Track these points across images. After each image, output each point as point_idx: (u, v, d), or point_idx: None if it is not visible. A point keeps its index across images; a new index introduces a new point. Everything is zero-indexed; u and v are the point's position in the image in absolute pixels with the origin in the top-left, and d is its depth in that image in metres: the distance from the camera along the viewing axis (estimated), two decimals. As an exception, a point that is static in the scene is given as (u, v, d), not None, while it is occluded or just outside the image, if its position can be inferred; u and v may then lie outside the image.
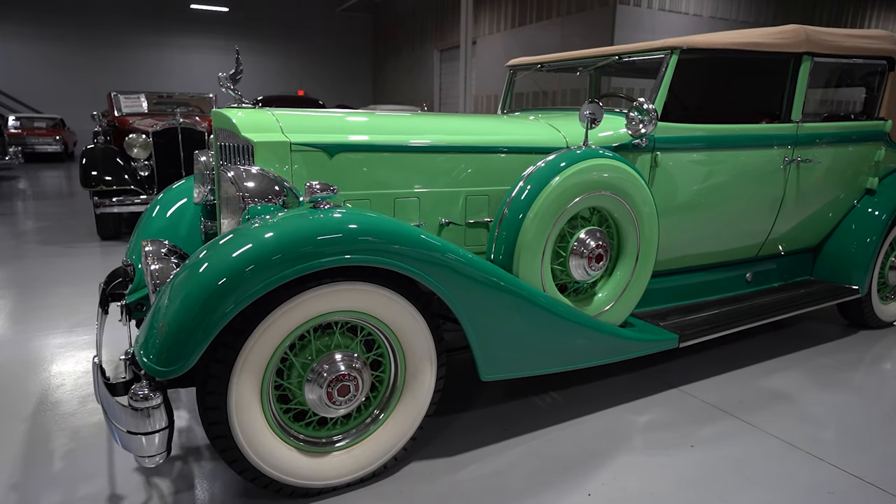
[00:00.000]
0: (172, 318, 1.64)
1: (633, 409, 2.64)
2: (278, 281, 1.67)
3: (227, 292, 1.63)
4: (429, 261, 1.90)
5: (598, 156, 2.39)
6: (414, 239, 1.88)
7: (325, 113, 2.43)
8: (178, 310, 1.64)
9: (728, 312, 3.02)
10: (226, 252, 1.69)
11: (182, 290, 1.66)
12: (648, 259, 2.57)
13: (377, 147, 2.34)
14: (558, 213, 2.30)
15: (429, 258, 1.90)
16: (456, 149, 2.48)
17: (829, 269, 3.58)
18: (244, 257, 1.66)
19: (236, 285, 1.63)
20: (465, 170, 2.51)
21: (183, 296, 1.65)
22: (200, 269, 1.68)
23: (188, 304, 1.63)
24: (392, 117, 2.51)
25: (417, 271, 1.89)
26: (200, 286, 1.64)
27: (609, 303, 2.52)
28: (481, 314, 2.06)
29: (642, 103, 2.51)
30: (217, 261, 1.67)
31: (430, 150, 2.43)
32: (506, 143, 2.55)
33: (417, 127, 2.47)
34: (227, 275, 1.64)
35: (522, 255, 2.25)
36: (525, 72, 3.66)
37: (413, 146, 2.40)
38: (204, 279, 1.65)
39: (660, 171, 2.76)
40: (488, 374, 2.14)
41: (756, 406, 2.67)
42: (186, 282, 1.68)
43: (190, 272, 1.69)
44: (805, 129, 3.13)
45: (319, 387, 1.86)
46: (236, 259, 1.65)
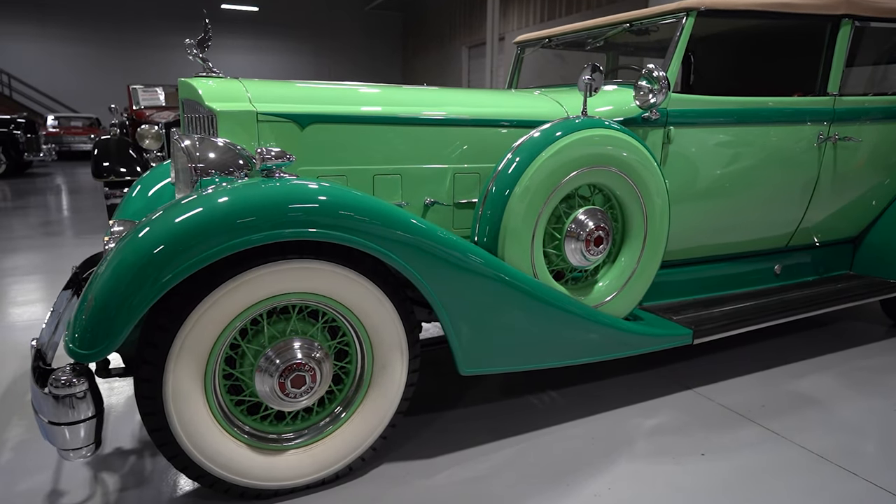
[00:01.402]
0: (99, 293, 1.46)
1: (640, 411, 2.37)
2: (214, 255, 1.48)
3: (157, 266, 1.45)
4: (396, 239, 1.69)
5: (599, 125, 2.14)
6: (378, 213, 1.67)
7: (303, 83, 2.24)
8: (105, 284, 1.46)
9: (752, 308, 2.71)
10: (158, 223, 1.51)
11: (112, 263, 1.49)
12: (657, 244, 2.30)
13: (353, 118, 2.14)
14: (551, 189, 2.06)
15: (396, 236, 1.69)
16: (442, 122, 2.25)
17: (870, 263, 3.22)
18: (175, 228, 1.47)
19: (167, 259, 1.45)
20: (453, 145, 2.28)
21: (112, 268, 1.48)
22: (130, 240, 1.50)
23: (115, 277, 1.46)
24: (372, 88, 2.30)
25: (382, 250, 1.68)
26: (126, 260, 1.46)
27: (611, 292, 2.26)
28: (459, 301, 1.84)
29: (652, 70, 2.25)
30: (147, 232, 1.49)
31: (414, 122, 2.22)
32: (498, 115, 2.32)
33: (399, 98, 2.26)
34: (155, 246, 1.46)
35: (509, 237, 2.01)
36: (532, 48, 3.41)
37: (394, 118, 2.19)
38: (132, 251, 1.47)
39: (673, 148, 2.48)
40: (468, 367, 1.92)
41: (781, 411, 2.37)
42: (116, 254, 1.50)
43: (122, 244, 1.52)
44: (843, 103, 2.80)
45: (271, 376, 1.66)
46: (166, 230, 1.47)
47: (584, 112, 2.17)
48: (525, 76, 3.56)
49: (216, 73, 2.22)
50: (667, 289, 2.75)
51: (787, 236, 2.98)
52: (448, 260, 1.79)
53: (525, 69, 3.59)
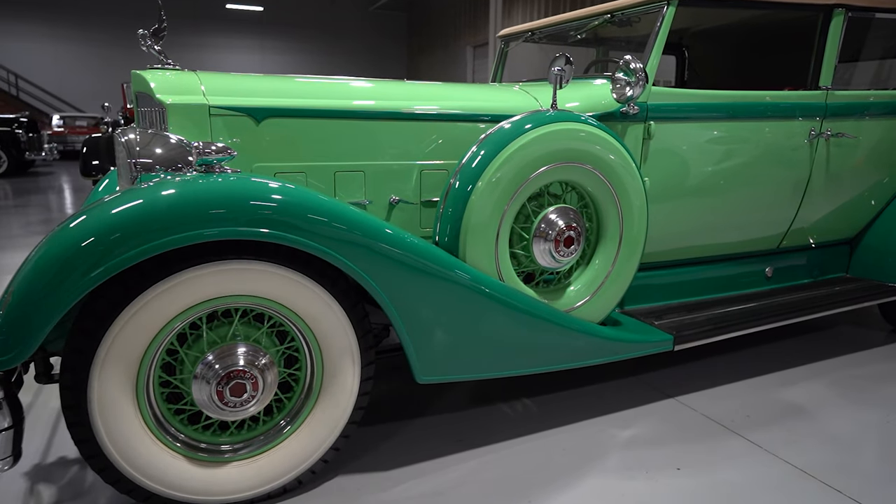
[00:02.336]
0: (16, 290, 1.37)
1: (617, 421, 2.25)
2: (138, 256, 1.38)
3: (74, 266, 1.35)
4: (341, 238, 1.59)
5: (570, 119, 2.02)
6: (319, 209, 1.57)
7: (263, 76, 2.14)
8: (23, 281, 1.38)
9: (739, 312, 2.59)
10: (81, 222, 1.41)
11: (33, 258, 1.41)
12: (634, 246, 2.18)
13: (313, 112, 2.03)
14: (517, 185, 1.94)
15: (341, 235, 1.59)
16: (408, 116, 2.15)
17: (868, 265, 3.08)
18: (96, 226, 1.38)
19: (85, 258, 1.36)
20: (420, 140, 2.18)
21: (31, 264, 1.39)
22: (52, 239, 1.41)
23: (34, 273, 1.37)
24: (334, 80, 2.20)
25: (325, 249, 1.57)
26: (43, 260, 1.37)
27: (585, 296, 2.14)
28: (413, 305, 1.73)
29: (629, 62, 2.13)
30: (67, 231, 1.40)
31: (378, 116, 2.11)
32: (468, 109, 2.21)
33: (362, 92, 2.16)
34: (72, 247, 1.36)
35: (471, 236, 1.90)
36: (516, 42, 3.30)
37: (356, 111, 2.09)
38: (51, 250, 1.38)
39: (654, 145, 2.36)
40: (424, 375, 1.81)
41: (767, 423, 2.24)
42: (37, 249, 1.41)
43: (44, 242, 1.43)
44: (837, 97, 2.66)
45: (208, 384, 1.56)
46: (86, 228, 1.38)
47: (554, 105, 2.06)
48: (519, 70, 3.45)
49: (172, 66, 2.12)
50: (650, 292, 2.63)
51: (779, 237, 2.85)
52: (400, 261, 1.68)
53: (519, 63, 3.49)
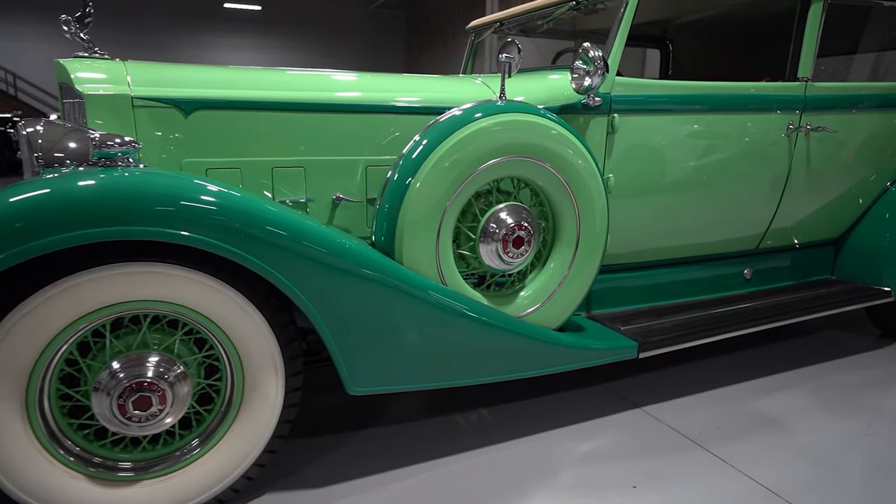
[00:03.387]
0: None
1: (576, 433, 2.11)
2: (16, 257, 1.26)
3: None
4: (252, 237, 1.46)
5: (521, 110, 1.88)
6: (224, 205, 1.44)
7: (195, 66, 2.01)
8: None
9: (713, 317, 2.44)
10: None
11: None
12: (594, 247, 2.04)
13: (246, 104, 1.90)
14: (461, 179, 1.80)
15: (251, 233, 1.45)
16: (351, 108, 2.02)
17: (854, 267, 2.93)
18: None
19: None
20: (366, 134, 2.04)
21: None
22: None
23: None
24: (274, 71, 2.06)
25: (237, 251, 1.44)
26: None
27: (539, 301, 2.00)
28: (342, 310, 1.60)
29: (587, 49, 1.99)
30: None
31: (318, 108, 1.98)
32: (417, 101, 2.07)
33: (303, 82, 2.03)
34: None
35: (408, 235, 1.76)
36: (485, 33, 3.16)
37: (295, 103, 1.95)
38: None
39: (619, 139, 2.22)
40: (356, 386, 1.68)
41: (737, 435, 2.10)
42: None
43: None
44: (816, 89, 2.51)
45: (108, 396, 1.43)
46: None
47: (503, 95, 1.92)
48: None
49: (100, 55, 2.00)
50: (619, 295, 2.49)
51: (757, 237, 2.70)
52: (323, 262, 1.55)
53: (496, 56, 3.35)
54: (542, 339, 1.93)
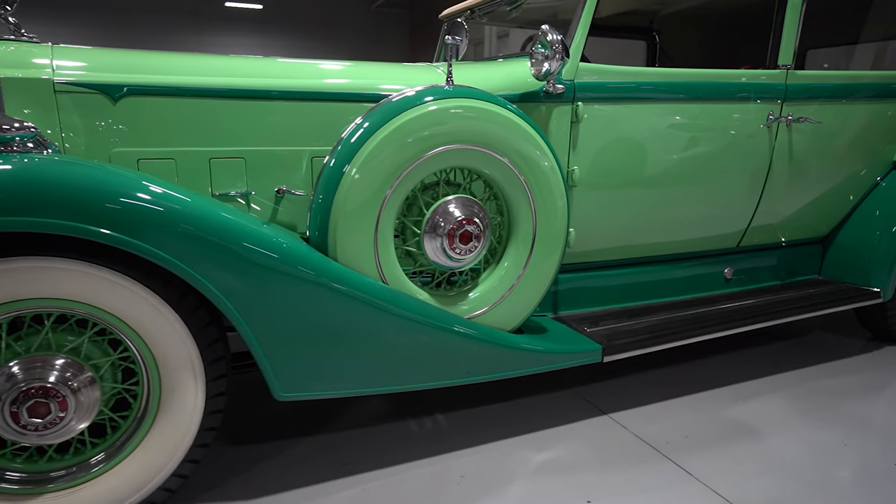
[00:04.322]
0: None
1: (535, 441, 1.98)
2: None
3: None
4: (158, 228, 1.34)
5: (470, 95, 1.76)
6: (128, 196, 1.32)
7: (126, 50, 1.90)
8: None
9: (687, 318, 2.31)
10: None
11: None
12: (552, 244, 1.91)
13: (181, 90, 1.79)
14: (402, 167, 1.67)
15: (157, 224, 1.34)
16: (295, 95, 1.90)
17: (842, 266, 2.79)
18: None
19: None
20: (312, 123, 1.92)
21: None
22: None
23: None
24: (211, 57, 1.95)
25: (142, 244, 1.33)
26: None
27: (492, 300, 1.87)
28: (267, 311, 1.49)
29: (546, 32, 1.86)
30: None
31: (260, 95, 1.86)
32: (364, 88, 1.95)
33: (244, 68, 1.91)
34: None
35: (342, 227, 1.64)
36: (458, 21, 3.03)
37: (234, 90, 1.84)
38: None
39: (584, 129, 2.09)
40: (284, 391, 1.56)
41: (706, 445, 1.96)
42: None
43: None
44: (798, 77, 2.37)
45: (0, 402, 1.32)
46: None
47: (450, 80, 1.79)
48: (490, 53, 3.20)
49: (29, 37, 1.88)
50: (589, 295, 2.36)
51: (737, 235, 2.56)
52: (243, 258, 1.43)
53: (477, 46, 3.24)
54: (494, 341, 1.80)
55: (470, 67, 2.16)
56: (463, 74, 2.09)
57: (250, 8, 21.24)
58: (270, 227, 1.63)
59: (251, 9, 21.30)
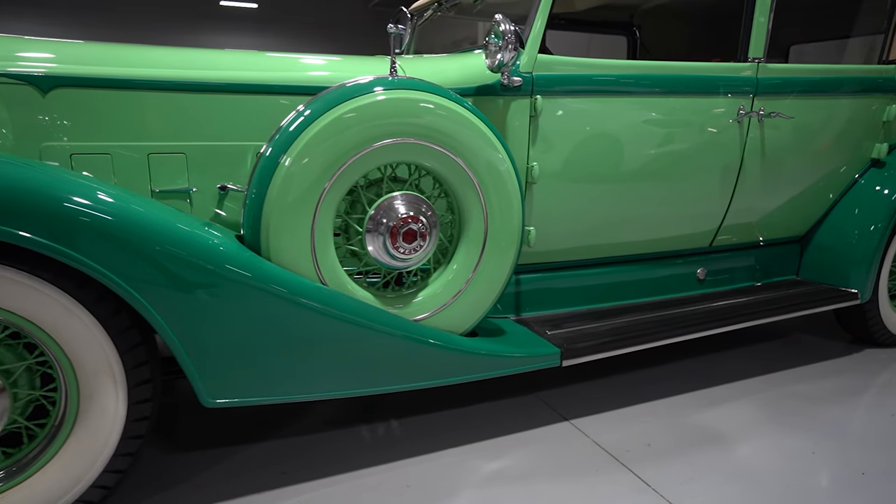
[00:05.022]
0: None
1: (489, 449, 1.90)
2: None
3: None
4: (66, 225, 1.27)
5: (415, 87, 1.68)
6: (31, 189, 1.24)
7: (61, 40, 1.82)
8: None
9: (655, 320, 2.22)
10: None
11: None
12: (504, 245, 1.82)
13: (116, 81, 1.71)
14: (341, 160, 1.59)
15: (64, 220, 1.26)
16: (239, 87, 1.82)
17: (820, 267, 2.70)
18: None
19: None
20: (255, 117, 1.84)
21: None
22: None
23: None
24: (149, 48, 1.87)
25: (47, 242, 1.25)
26: None
27: (442, 302, 1.79)
28: (189, 311, 1.41)
29: (499, 22, 1.78)
30: None
31: (200, 87, 1.78)
32: (310, 81, 1.87)
33: (184, 60, 1.83)
34: None
35: (275, 223, 1.56)
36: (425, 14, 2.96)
37: (172, 82, 1.76)
38: None
39: (544, 123, 2.01)
40: (213, 397, 1.48)
41: (668, 453, 1.88)
42: None
43: None
44: (770, 71, 2.29)
45: None
46: None
47: (393, 70, 1.71)
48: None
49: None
50: (553, 297, 2.28)
51: (709, 234, 2.48)
52: (162, 255, 1.36)
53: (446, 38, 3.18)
54: (441, 345, 1.72)
55: (425, 60, 2.09)
56: (417, 67, 2.01)
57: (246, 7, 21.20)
58: (203, 225, 1.55)
59: (247, 8, 21.26)
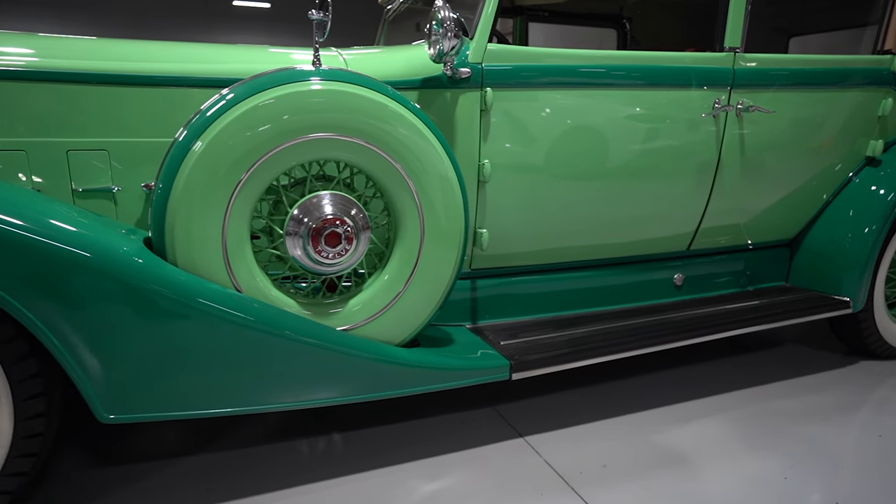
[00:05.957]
0: None
1: (431, 467, 1.77)
2: None
3: None
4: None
5: (339, 78, 1.55)
6: None
7: None
8: None
9: (622, 330, 2.07)
10: None
11: None
12: (445, 247, 1.68)
13: (27, 74, 1.61)
14: (258, 155, 1.47)
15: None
16: (163, 80, 1.72)
17: (810, 272, 2.52)
18: None
19: None
20: (181, 111, 1.72)
21: None
22: None
23: None
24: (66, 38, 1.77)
25: None
26: None
27: (373, 311, 1.66)
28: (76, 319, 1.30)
29: (439, 8, 1.65)
30: None
31: (121, 80, 1.68)
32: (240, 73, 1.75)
33: (103, 51, 1.73)
34: None
35: (181, 220, 1.44)
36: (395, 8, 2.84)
37: (90, 74, 1.66)
38: None
39: (496, 118, 1.87)
40: (109, 412, 1.37)
41: (625, 476, 1.73)
42: None
43: None
44: (748, 61, 2.12)
45: None
46: None
47: (317, 61, 1.59)
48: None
49: None
50: (514, 303, 2.14)
51: (686, 237, 2.32)
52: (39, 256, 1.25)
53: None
54: (372, 356, 1.59)
55: (368, 52, 1.96)
56: (360, 60, 1.89)
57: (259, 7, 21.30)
58: (105, 225, 1.45)
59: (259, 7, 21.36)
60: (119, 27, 20.23)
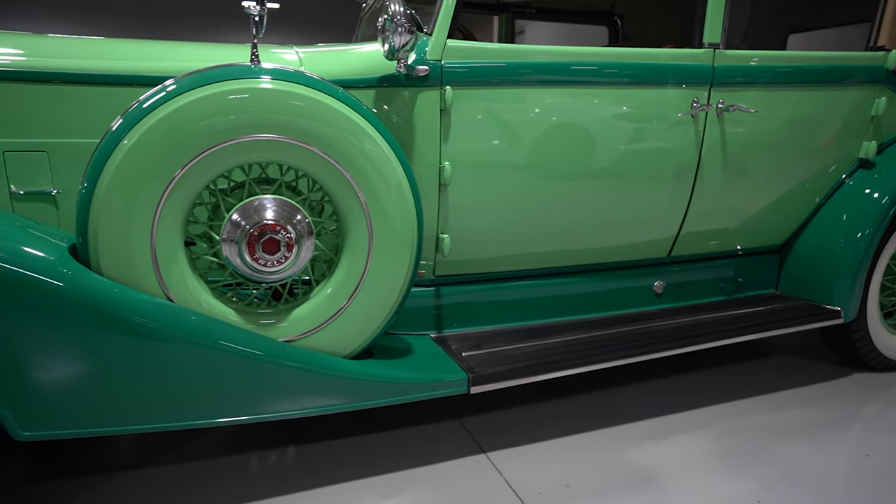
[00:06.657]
0: None
1: (385, 485, 1.69)
2: None
3: None
4: None
5: (279, 76, 1.47)
6: None
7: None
8: None
9: (593, 340, 1.97)
10: None
11: None
12: (395, 253, 1.60)
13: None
14: (188, 157, 1.39)
15: None
16: (103, 79, 1.65)
17: (800, 280, 2.40)
18: None
19: None
20: (125, 111, 1.67)
21: None
22: None
23: None
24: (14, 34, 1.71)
25: None
26: None
27: (319, 321, 1.58)
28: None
29: (391, 2, 1.57)
30: None
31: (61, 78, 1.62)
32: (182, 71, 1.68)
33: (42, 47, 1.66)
34: None
35: (104, 225, 1.36)
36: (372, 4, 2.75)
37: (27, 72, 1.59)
38: None
39: (457, 118, 1.78)
40: (25, 429, 1.30)
41: (587, 496, 1.63)
42: None
43: None
44: (729, 58, 2.01)
45: None
46: None
47: (255, 58, 1.51)
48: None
49: None
50: (480, 312, 2.05)
51: (666, 242, 2.21)
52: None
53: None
54: (316, 369, 1.51)
55: (324, 50, 1.88)
56: (315, 57, 1.82)
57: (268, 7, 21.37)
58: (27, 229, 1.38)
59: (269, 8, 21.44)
60: (125, 25, 20.40)
